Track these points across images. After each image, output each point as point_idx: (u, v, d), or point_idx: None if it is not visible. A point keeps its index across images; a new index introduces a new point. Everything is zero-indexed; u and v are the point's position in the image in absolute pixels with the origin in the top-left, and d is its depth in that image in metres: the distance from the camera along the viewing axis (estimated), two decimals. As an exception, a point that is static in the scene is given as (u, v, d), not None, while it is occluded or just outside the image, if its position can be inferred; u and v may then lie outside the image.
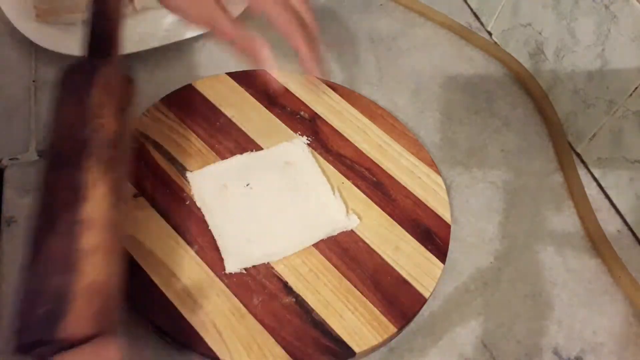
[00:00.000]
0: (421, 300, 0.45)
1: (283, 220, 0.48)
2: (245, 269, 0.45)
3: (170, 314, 0.42)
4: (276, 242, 0.47)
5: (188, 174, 0.50)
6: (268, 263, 0.45)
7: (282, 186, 0.50)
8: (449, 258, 0.49)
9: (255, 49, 0.44)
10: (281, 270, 0.45)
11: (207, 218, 0.47)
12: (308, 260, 0.46)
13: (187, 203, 0.48)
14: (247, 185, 0.49)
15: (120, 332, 0.33)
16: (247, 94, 0.56)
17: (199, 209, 0.48)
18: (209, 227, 0.47)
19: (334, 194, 0.50)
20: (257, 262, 0.45)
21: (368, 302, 0.44)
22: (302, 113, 0.56)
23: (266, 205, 0.49)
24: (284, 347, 0.41)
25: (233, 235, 0.46)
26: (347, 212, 0.49)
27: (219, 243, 0.46)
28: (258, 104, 0.56)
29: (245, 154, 0.52)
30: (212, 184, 0.49)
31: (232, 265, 0.45)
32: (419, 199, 0.51)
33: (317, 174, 0.51)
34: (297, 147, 0.53)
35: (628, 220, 0.54)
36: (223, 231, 0.46)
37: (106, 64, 0.40)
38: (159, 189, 0.48)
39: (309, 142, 0.53)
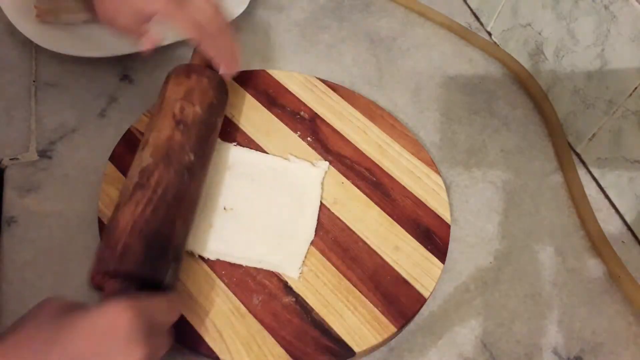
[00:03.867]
0: (421, 300, 0.45)
1: (249, 227, 0.47)
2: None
3: (170, 313, 0.42)
4: (226, 241, 0.46)
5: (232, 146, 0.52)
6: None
7: (275, 200, 0.49)
8: (449, 258, 0.49)
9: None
10: (281, 270, 0.45)
11: None
12: (308, 260, 0.46)
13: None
14: (250, 180, 0.50)
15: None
16: (247, 94, 0.56)
17: (199, 208, 0.48)
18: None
19: (307, 243, 0.47)
20: (194, 250, 0.45)
21: (368, 302, 0.44)
22: (302, 113, 0.56)
23: (249, 206, 0.48)
24: (284, 347, 0.41)
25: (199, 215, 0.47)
26: (300, 266, 0.46)
27: None
28: (258, 104, 0.56)
29: (271, 156, 0.52)
30: (227, 158, 0.51)
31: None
32: (418, 199, 0.51)
33: (312, 211, 0.49)
34: (315, 173, 0.51)
35: (628, 220, 0.54)
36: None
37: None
38: (159, 189, 0.48)
39: (327, 164, 0.52)
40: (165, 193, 0.41)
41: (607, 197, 0.56)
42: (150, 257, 0.39)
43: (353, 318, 0.43)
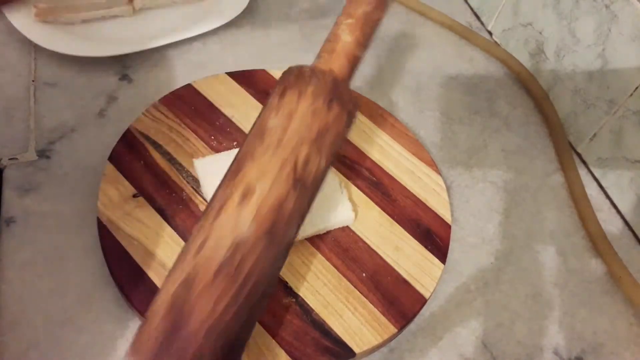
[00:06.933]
0: (421, 301, 0.45)
1: None
2: None
3: (169, 314, 0.42)
4: None
5: (195, 161, 0.49)
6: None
7: None
8: (449, 258, 0.49)
9: None
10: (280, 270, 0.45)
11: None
12: (308, 261, 0.46)
13: (187, 203, 0.48)
14: None
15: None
16: (247, 94, 0.56)
17: (198, 208, 0.48)
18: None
19: (340, 188, 0.49)
20: None
21: (368, 302, 0.44)
22: (302, 113, 0.55)
23: None
24: (283, 348, 0.41)
25: None
26: (353, 209, 0.48)
27: None
28: (258, 104, 0.56)
29: None
30: (219, 172, 0.49)
31: None
32: (419, 199, 0.51)
33: None
34: None
35: (628, 220, 0.54)
36: None
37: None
38: (159, 189, 0.48)
39: None
40: (254, 290, 0.30)
41: (608, 197, 0.56)
42: None
43: (353, 319, 0.43)
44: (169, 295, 0.29)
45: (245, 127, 0.54)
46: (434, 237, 0.48)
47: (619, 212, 0.55)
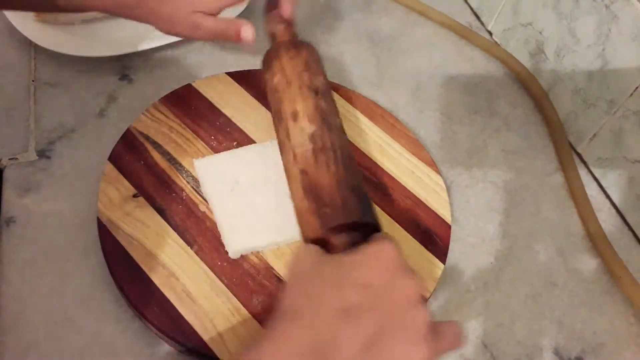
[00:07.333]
0: (421, 301, 0.45)
1: (284, 209, 0.47)
2: (246, 260, 0.45)
3: (169, 314, 0.42)
4: (277, 229, 0.46)
5: (195, 161, 0.49)
6: (267, 263, 0.45)
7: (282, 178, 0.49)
8: (450, 258, 0.49)
9: (238, 32, 0.51)
10: (281, 270, 0.45)
11: (212, 204, 0.47)
12: (308, 261, 0.46)
13: (187, 203, 0.48)
14: (252, 175, 0.49)
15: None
16: (247, 94, 0.56)
17: (198, 208, 0.48)
18: (213, 214, 0.47)
19: None
20: (257, 249, 0.46)
21: (368, 302, 0.44)
22: (302, 113, 0.56)
23: (269, 195, 0.48)
24: (283, 348, 0.41)
25: (236, 222, 0.46)
26: None
27: (222, 228, 0.46)
28: (258, 103, 0.56)
29: (251, 146, 0.52)
30: (218, 172, 0.49)
31: (235, 251, 0.45)
32: (419, 199, 0.51)
33: None
34: None
35: (628, 220, 0.54)
36: (226, 218, 0.46)
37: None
38: (159, 189, 0.48)
39: None
40: (342, 153, 0.43)
41: (608, 197, 0.56)
42: (364, 206, 0.41)
43: (353, 318, 0.43)
44: (300, 189, 0.41)
45: (246, 127, 0.54)
46: (434, 237, 0.48)
47: (618, 212, 0.55)
